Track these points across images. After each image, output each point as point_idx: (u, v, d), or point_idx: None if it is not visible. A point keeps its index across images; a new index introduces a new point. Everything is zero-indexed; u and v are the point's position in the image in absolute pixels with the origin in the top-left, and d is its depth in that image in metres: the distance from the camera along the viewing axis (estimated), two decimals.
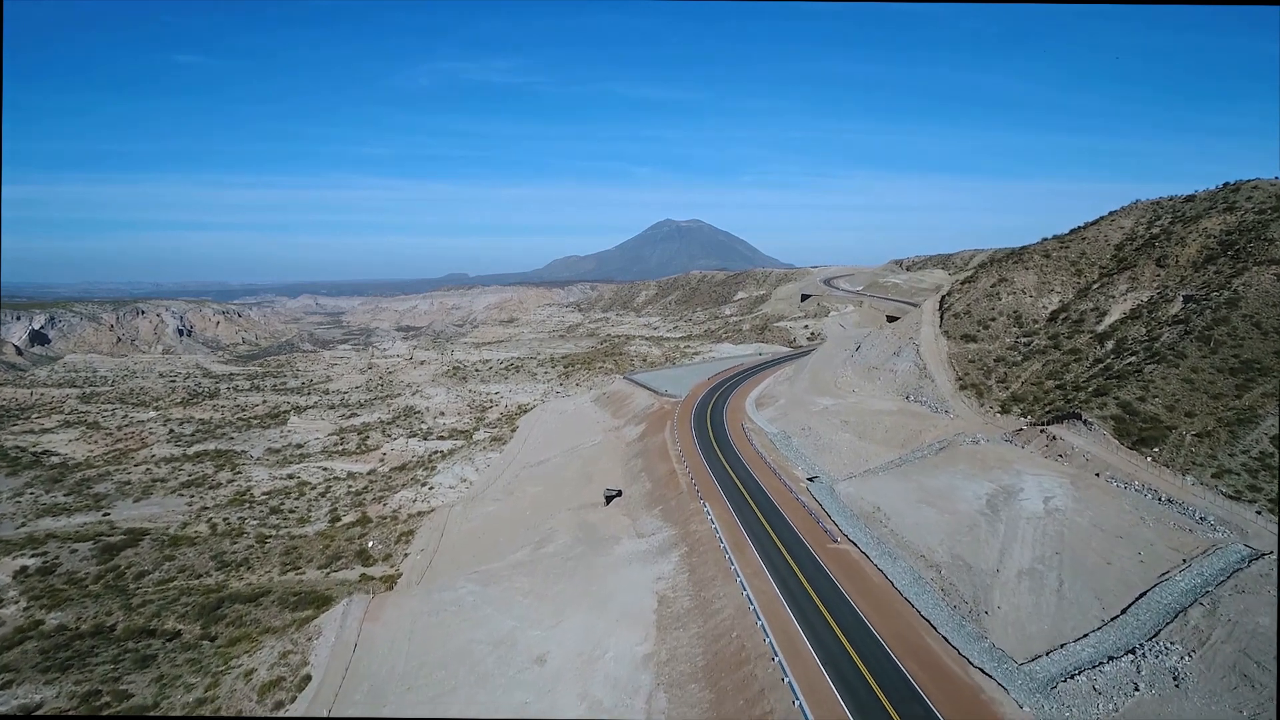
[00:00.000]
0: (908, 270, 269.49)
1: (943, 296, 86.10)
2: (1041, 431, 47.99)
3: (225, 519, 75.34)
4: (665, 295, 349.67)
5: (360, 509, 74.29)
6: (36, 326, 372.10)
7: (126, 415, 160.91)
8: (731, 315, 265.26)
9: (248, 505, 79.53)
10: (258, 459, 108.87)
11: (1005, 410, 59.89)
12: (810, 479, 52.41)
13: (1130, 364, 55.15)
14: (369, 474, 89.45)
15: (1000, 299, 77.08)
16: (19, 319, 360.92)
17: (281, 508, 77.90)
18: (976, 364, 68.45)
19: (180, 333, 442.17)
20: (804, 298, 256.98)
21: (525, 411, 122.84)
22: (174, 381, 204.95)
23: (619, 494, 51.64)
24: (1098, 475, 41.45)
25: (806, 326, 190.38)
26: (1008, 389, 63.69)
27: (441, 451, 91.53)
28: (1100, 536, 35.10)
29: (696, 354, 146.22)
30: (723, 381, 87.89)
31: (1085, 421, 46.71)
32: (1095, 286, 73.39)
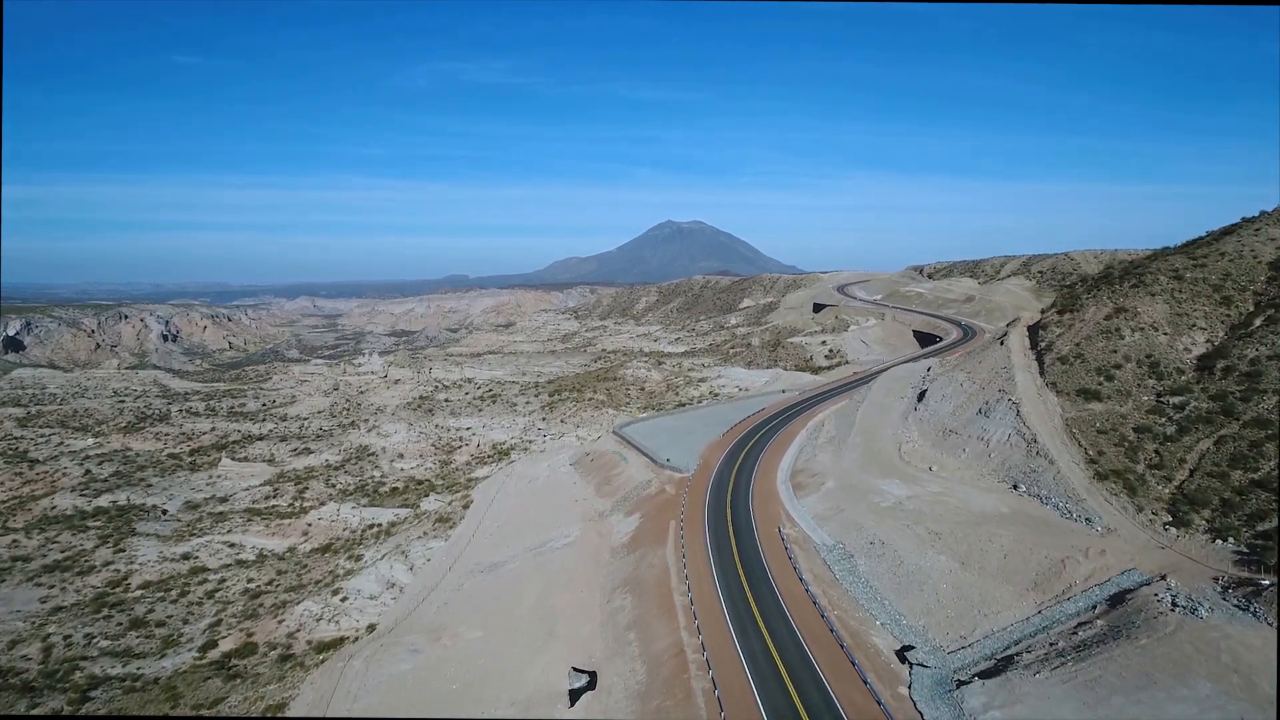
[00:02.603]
0: (930, 278, 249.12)
1: (1031, 328, 65.98)
2: None
3: (68, 637, 55.37)
4: (666, 302, 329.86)
5: (249, 624, 54.31)
6: (11, 332, 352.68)
7: (62, 443, 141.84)
8: (738, 326, 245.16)
9: (108, 611, 59.43)
10: (168, 517, 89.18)
11: (1180, 520, 39.67)
12: (903, 654, 32.35)
13: None
14: (284, 555, 69.50)
15: (1122, 337, 56.83)
16: None
17: (149, 617, 57.90)
18: (1110, 436, 48.20)
19: (165, 338, 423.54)
20: (817, 308, 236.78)
21: (500, 453, 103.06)
22: (124, 401, 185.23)
23: (591, 684, 31.73)
24: None
25: (824, 343, 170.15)
26: (1170, 480, 43.45)
27: (379, 525, 71.45)
28: None
29: (703, 380, 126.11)
30: (742, 439, 67.60)
31: None
32: (1261, 322, 53.19)
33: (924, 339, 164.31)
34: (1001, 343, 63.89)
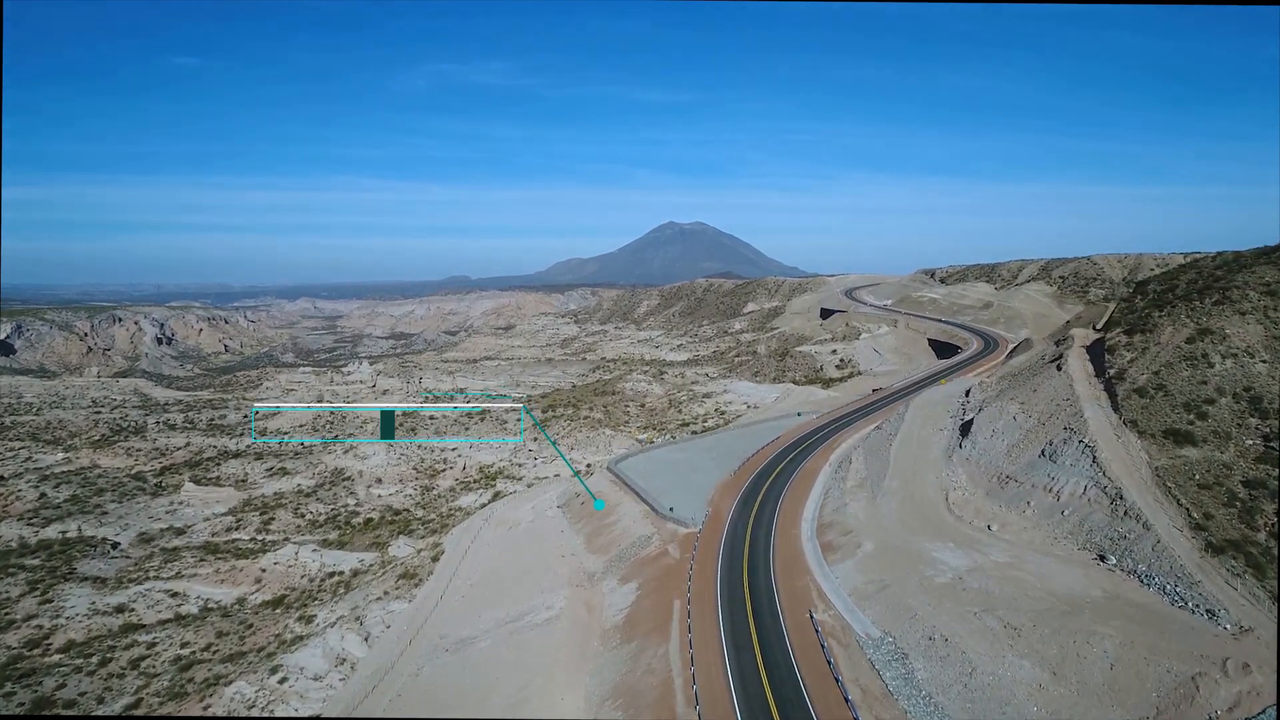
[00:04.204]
0: (943, 282, 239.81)
1: (1090, 348, 57.03)
2: None
3: None
4: (669, 306, 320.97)
5: (172, 708, 45.59)
6: (1, 336, 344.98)
7: (30, 458, 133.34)
8: (743, 332, 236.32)
9: (12, 685, 50.70)
10: (117, 553, 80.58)
11: None
12: None
13: None
14: (230, 609, 60.80)
15: (1211, 364, 47.88)
16: None
17: (58, 694, 49.12)
18: (1215, 493, 39.23)
19: (159, 341, 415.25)
20: (825, 313, 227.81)
21: (487, 478, 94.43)
22: (100, 413, 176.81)
23: None
24: None
25: (835, 352, 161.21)
26: None
27: (340, 574, 62.73)
28: None
29: (707, 395, 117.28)
30: (756, 477, 58.61)
31: None
32: None
33: (940, 348, 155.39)
34: (1059, 367, 54.93)
